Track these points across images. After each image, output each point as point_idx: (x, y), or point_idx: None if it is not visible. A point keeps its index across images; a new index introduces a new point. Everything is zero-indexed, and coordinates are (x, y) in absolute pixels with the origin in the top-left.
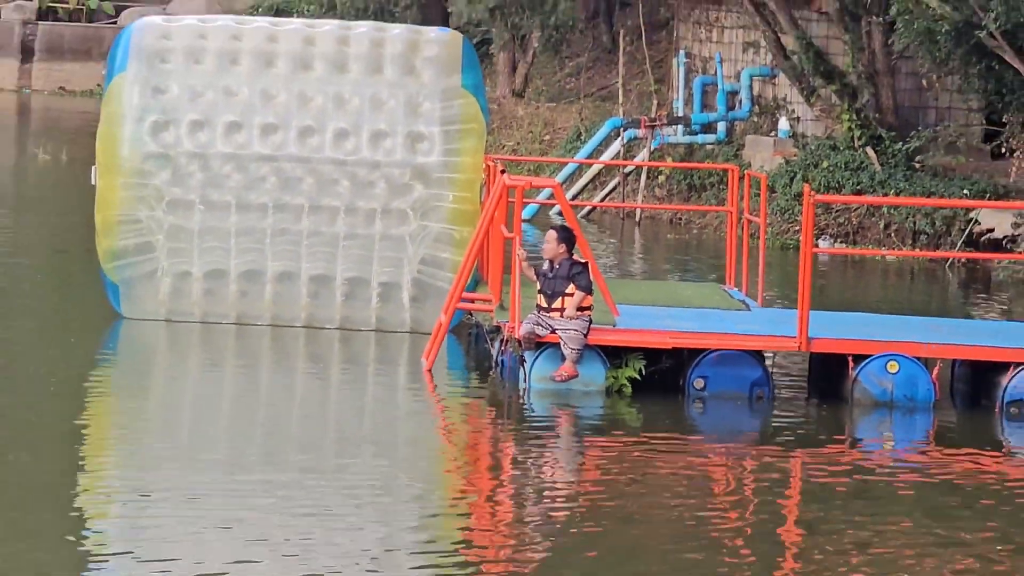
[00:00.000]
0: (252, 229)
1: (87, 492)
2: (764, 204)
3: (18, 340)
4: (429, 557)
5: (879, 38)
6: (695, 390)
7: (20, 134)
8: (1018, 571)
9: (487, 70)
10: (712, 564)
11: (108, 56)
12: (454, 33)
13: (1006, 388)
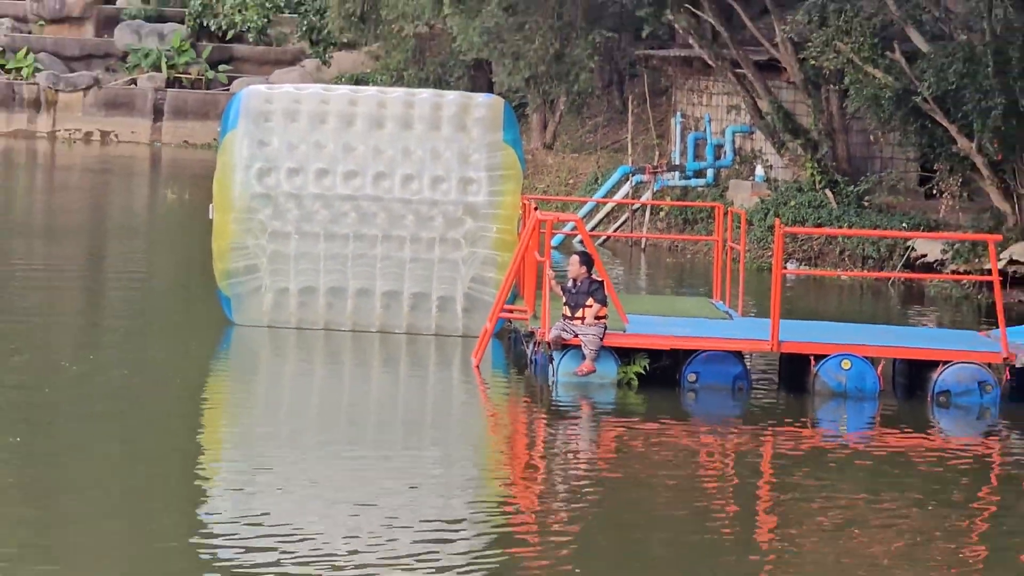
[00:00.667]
0: (336, 254)
1: (206, 459)
2: (743, 235)
3: (153, 339)
4: (480, 505)
5: (835, 102)
6: (689, 383)
7: (152, 179)
8: (939, 522)
9: (523, 127)
10: (700, 518)
11: (222, 116)
12: (497, 98)
13: (936, 381)
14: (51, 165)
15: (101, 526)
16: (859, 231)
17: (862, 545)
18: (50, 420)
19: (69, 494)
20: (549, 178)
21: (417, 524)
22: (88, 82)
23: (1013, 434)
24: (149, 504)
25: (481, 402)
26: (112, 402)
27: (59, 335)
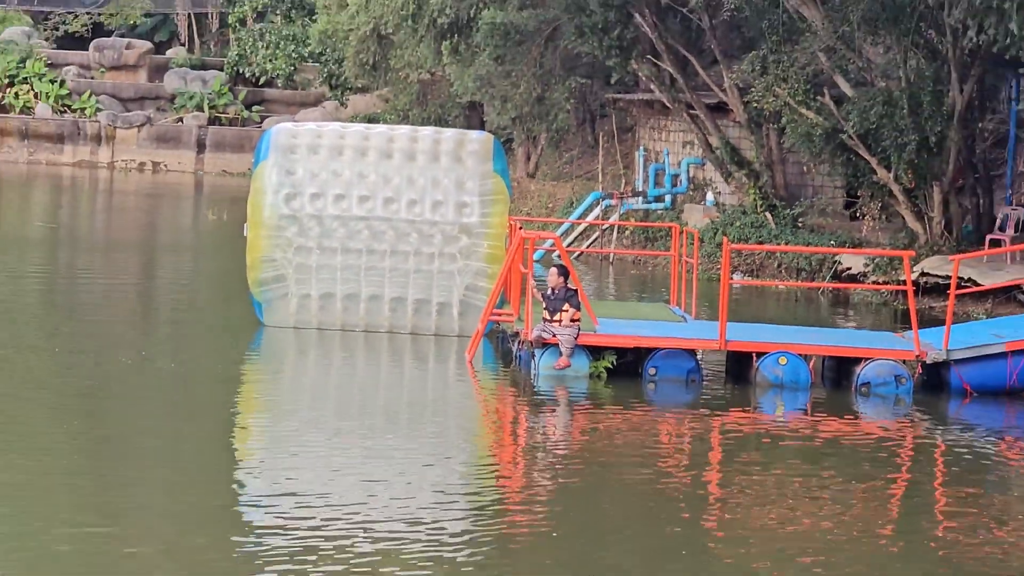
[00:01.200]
0: (351, 266)
1: (241, 437)
2: (696, 250)
3: (196, 337)
4: (470, 476)
5: (774, 139)
6: (649, 375)
7: (196, 202)
8: (860, 493)
9: (510, 159)
10: (659, 486)
11: (255, 149)
12: (488, 134)
13: (858, 374)
14: (110, 190)
15: (152, 492)
16: (794, 247)
17: (796, 509)
18: (110, 404)
19: (125, 466)
20: (532, 202)
21: (421, 494)
22: (142, 120)
23: (923, 420)
24: (193, 474)
25: (474, 392)
26: (161, 391)
27: (117, 334)
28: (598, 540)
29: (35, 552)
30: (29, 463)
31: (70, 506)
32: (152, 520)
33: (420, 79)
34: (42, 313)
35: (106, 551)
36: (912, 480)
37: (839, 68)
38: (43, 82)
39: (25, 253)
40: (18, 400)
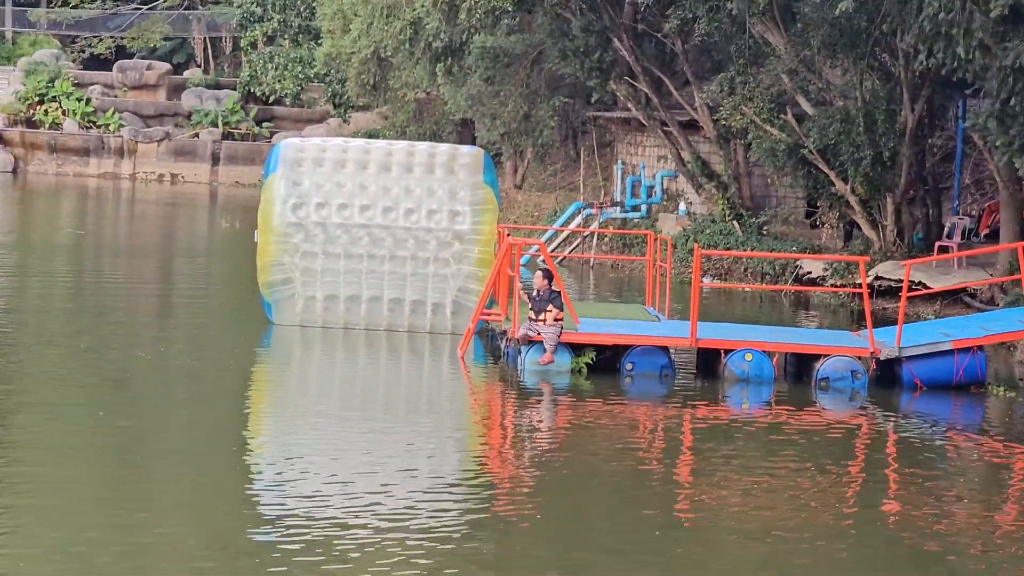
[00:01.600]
0: (353, 269)
1: (251, 423)
2: (669, 256)
3: (211, 334)
4: (462, 461)
5: (741, 153)
6: (626, 370)
7: (210, 211)
8: (819, 476)
9: (498, 171)
10: (635, 472)
11: (265, 162)
12: (478, 149)
13: (818, 370)
14: (132, 200)
15: (171, 472)
16: (759, 253)
17: (760, 492)
18: (132, 395)
19: (146, 448)
20: (519, 211)
21: (418, 477)
22: (161, 135)
23: (877, 411)
24: (208, 456)
25: (465, 384)
26: (179, 383)
27: (137, 332)
28: (579, 520)
29: (68, 524)
30: (61, 445)
31: (98, 484)
32: (170, 495)
33: (416, 98)
34: (70, 312)
35: (128, 512)
36: (867, 466)
37: (800, 89)
38: (70, 100)
39: (55, 257)
40: (49, 391)
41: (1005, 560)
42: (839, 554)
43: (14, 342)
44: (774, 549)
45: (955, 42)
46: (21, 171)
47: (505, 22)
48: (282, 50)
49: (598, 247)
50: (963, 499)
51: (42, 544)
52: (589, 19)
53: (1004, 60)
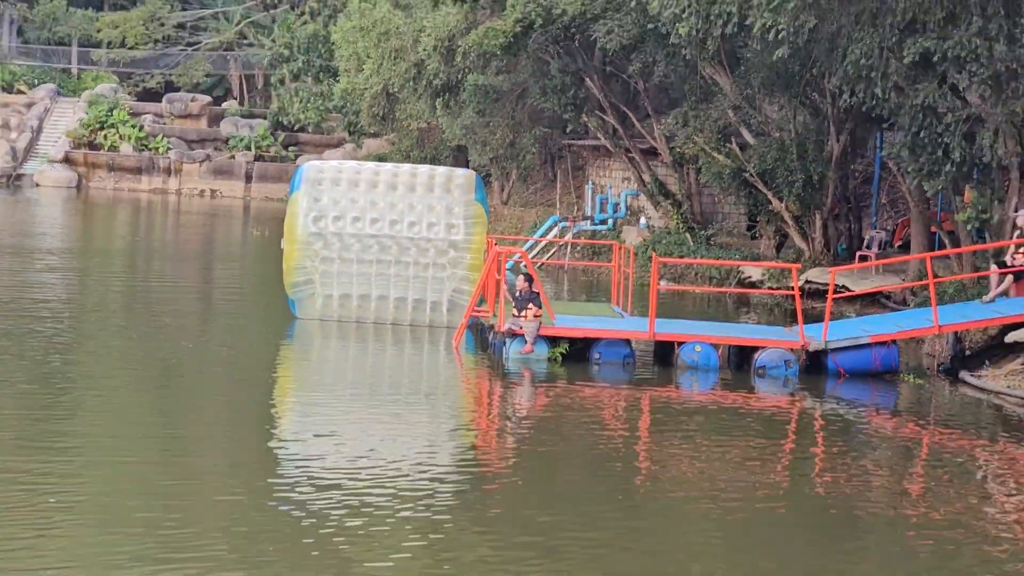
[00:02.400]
0: (364, 272)
1: (280, 402)
2: (632, 262)
3: (243, 327)
4: (455, 435)
5: (693, 176)
6: (595, 359)
7: (244, 221)
8: (757, 450)
9: (488, 190)
10: (601, 445)
11: (291, 181)
12: (471, 171)
13: (756, 359)
14: (178, 211)
15: (207, 441)
16: (707, 260)
17: (706, 461)
18: (177, 377)
19: (191, 414)
20: (504, 224)
21: (417, 448)
22: (203, 157)
23: (807, 395)
24: (241, 425)
25: (458, 371)
26: (217, 367)
27: (181, 324)
28: (553, 485)
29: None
30: (118, 420)
31: (147, 448)
32: (207, 458)
33: (419, 127)
34: (124, 306)
35: (171, 472)
36: (798, 441)
37: (743, 122)
38: (126, 127)
39: (112, 260)
40: (106, 374)
41: (913, 519)
42: (773, 513)
43: (79, 332)
44: (717, 508)
45: (874, 84)
46: (84, 187)
47: (494, 64)
48: (306, 86)
49: (571, 254)
50: (878, 469)
51: (96, 490)
52: (565, 62)
53: (915, 99)
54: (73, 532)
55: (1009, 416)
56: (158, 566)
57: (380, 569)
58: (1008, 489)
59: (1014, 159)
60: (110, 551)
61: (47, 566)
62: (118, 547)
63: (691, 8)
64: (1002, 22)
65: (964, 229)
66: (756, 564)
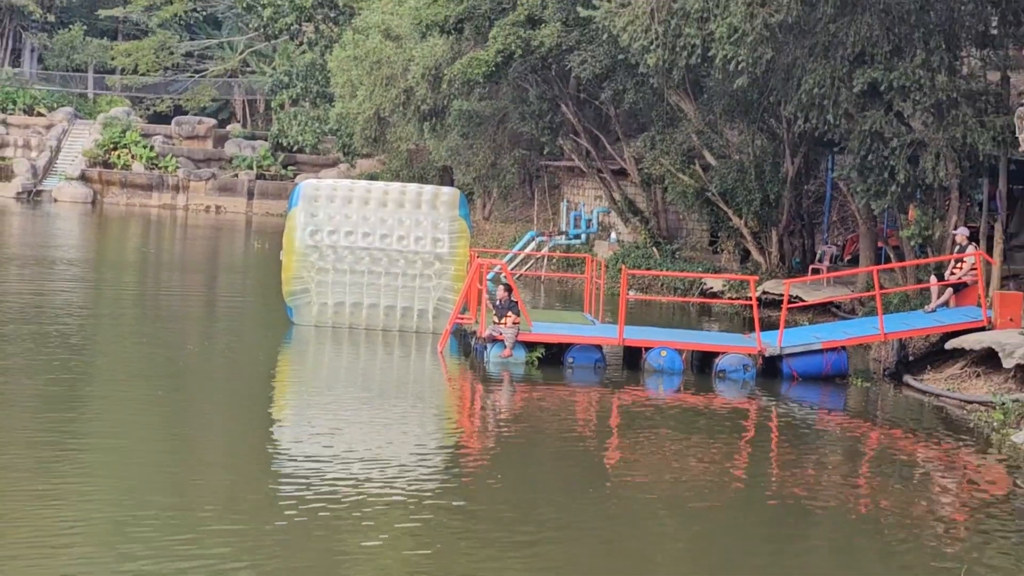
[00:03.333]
0: (357, 282)
1: (277, 401)
2: (603, 274)
3: (244, 332)
4: (439, 431)
5: (660, 194)
6: (568, 363)
7: (246, 235)
8: (718, 446)
9: (470, 207)
10: (574, 442)
11: (289, 198)
12: (455, 189)
13: (717, 364)
14: (185, 225)
15: (210, 434)
16: (673, 272)
17: (670, 455)
18: (182, 377)
19: (193, 418)
20: (486, 238)
21: (405, 441)
22: (208, 175)
23: (763, 397)
24: (241, 422)
25: (443, 373)
26: (220, 368)
27: (187, 329)
28: (530, 478)
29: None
30: (130, 416)
31: (154, 443)
32: (207, 450)
33: (408, 149)
34: (134, 313)
35: (175, 465)
36: (755, 439)
37: (706, 145)
38: (138, 147)
39: (124, 270)
40: (119, 375)
41: (860, 511)
42: (732, 505)
43: (92, 336)
44: (679, 496)
45: (826, 111)
46: (99, 202)
47: (477, 91)
48: (304, 110)
49: (547, 267)
50: (828, 465)
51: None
52: (543, 89)
53: (863, 125)
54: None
55: (949, 417)
56: (166, 561)
57: (369, 553)
58: (947, 484)
59: (954, 180)
60: (120, 539)
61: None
62: (127, 530)
63: (658, 41)
64: (943, 55)
65: (908, 245)
66: (715, 553)
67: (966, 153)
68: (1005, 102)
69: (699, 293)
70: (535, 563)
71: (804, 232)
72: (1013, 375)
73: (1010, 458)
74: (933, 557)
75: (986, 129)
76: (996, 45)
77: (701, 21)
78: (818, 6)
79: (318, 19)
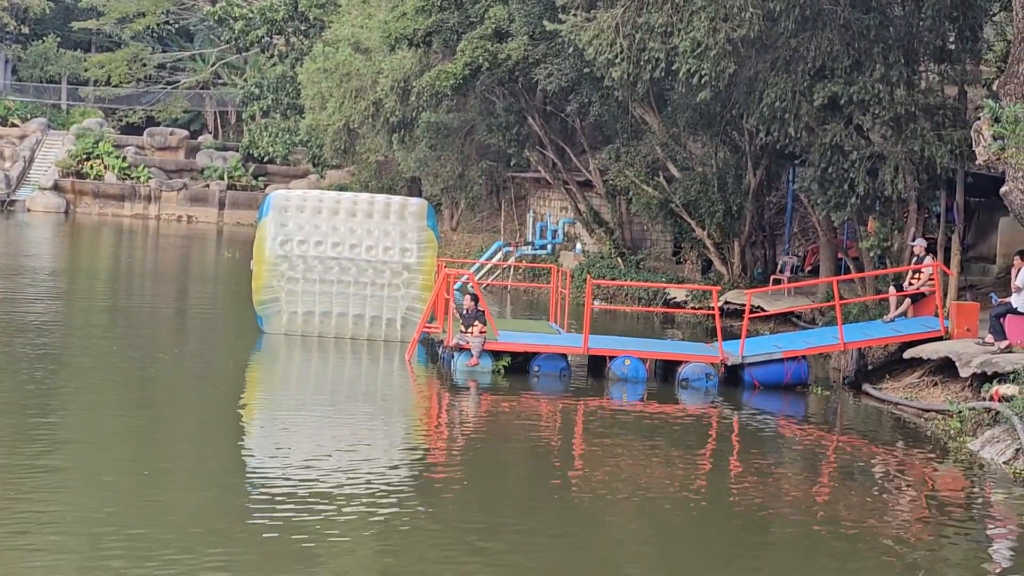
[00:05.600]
0: (327, 291)
1: (246, 408)
2: (568, 283)
3: (215, 340)
4: (407, 437)
5: (625, 206)
6: (534, 371)
7: (217, 245)
8: (681, 451)
9: (438, 218)
10: (540, 448)
11: (260, 208)
12: (423, 200)
13: (680, 372)
14: (157, 235)
15: (178, 441)
16: (637, 283)
17: (633, 463)
18: (154, 384)
19: (163, 426)
20: (454, 248)
21: (372, 448)
22: (180, 186)
23: (725, 405)
24: (211, 428)
25: (411, 381)
26: (190, 376)
27: (158, 337)
28: (496, 483)
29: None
30: (102, 420)
31: (124, 450)
32: (178, 460)
33: (377, 160)
34: (104, 322)
35: (148, 469)
36: (716, 447)
37: (670, 157)
38: (110, 157)
39: (96, 278)
40: (91, 383)
41: (818, 516)
42: (693, 510)
43: (62, 346)
44: (641, 503)
45: (787, 124)
46: (71, 212)
47: (445, 103)
48: (274, 122)
49: (514, 276)
50: (788, 471)
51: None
52: (509, 102)
53: (824, 138)
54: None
55: (907, 424)
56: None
57: (334, 558)
58: (903, 489)
59: (912, 193)
60: (91, 548)
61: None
62: (97, 540)
63: (623, 54)
64: (902, 69)
65: (867, 256)
66: (678, 557)
67: (924, 166)
68: (962, 116)
69: (663, 303)
70: (500, 569)
71: (766, 243)
72: (970, 384)
73: (966, 465)
74: (891, 562)
75: (944, 142)
76: (953, 60)
77: (665, 35)
78: (780, 21)
79: (289, 32)
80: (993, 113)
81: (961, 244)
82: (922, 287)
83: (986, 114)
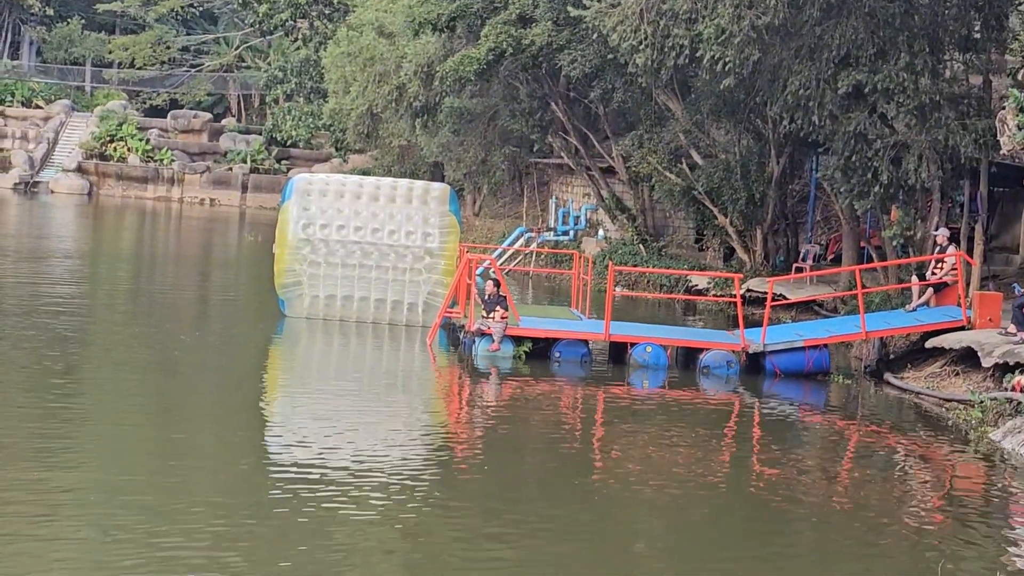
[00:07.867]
0: (348, 275)
1: (268, 391)
2: (591, 270)
3: (238, 323)
4: (428, 422)
5: (647, 192)
6: (555, 357)
7: (240, 228)
8: (702, 439)
9: (460, 203)
10: (560, 434)
11: (282, 191)
12: (446, 185)
13: (701, 360)
14: (180, 218)
15: (204, 412)
16: (659, 269)
17: (654, 450)
18: (175, 367)
19: (186, 404)
20: (476, 233)
21: (395, 432)
22: (203, 168)
23: (746, 393)
24: (232, 410)
25: (432, 365)
26: (213, 357)
27: (181, 319)
28: (516, 468)
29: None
30: (126, 399)
31: (147, 427)
32: (201, 439)
33: (400, 145)
34: (129, 305)
35: (167, 447)
36: (737, 434)
37: (693, 144)
38: (134, 140)
39: (120, 261)
40: (116, 362)
41: (840, 505)
42: (713, 497)
43: (85, 328)
44: (661, 489)
45: (811, 112)
46: (95, 194)
47: (469, 88)
48: (298, 105)
49: (536, 262)
50: (809, 460)
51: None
52: (533, 87)
53: (847, 127)
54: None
55: (928, 414)
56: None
57: (355, 544)
58: (924, 479)
59: (935, 182)
60: (110, 524)
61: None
62: (115, 519)
63: (647, 41)
64: (927, 58)
65: (890, 245)
66: (697, 546)
67: (948, 155)
68: (987, 105)
69: (684, 290)
70: (517, 551)
71: (788, 231)
72: (991, 374)
73: (987, 455)
74: (911, 550)
75: (968, 132)
76: (978, 49)
77: (689, 22)
78: (804, 9)
79: (313, 16)
80: (1018, 102)
81: (984, 234)
82: (945, 276)
83: (1011, 103)
